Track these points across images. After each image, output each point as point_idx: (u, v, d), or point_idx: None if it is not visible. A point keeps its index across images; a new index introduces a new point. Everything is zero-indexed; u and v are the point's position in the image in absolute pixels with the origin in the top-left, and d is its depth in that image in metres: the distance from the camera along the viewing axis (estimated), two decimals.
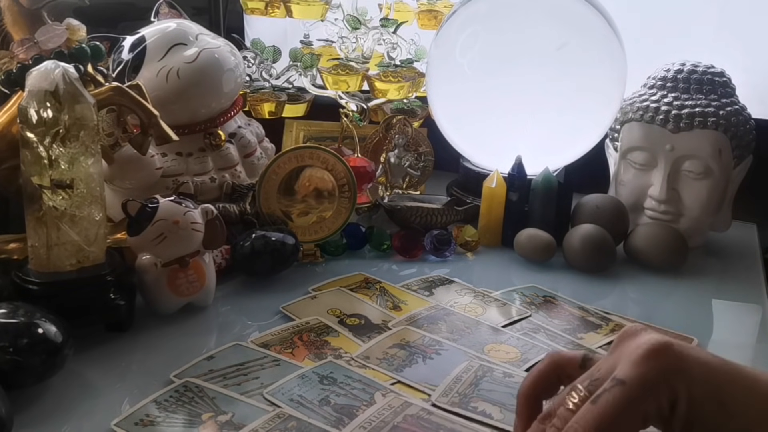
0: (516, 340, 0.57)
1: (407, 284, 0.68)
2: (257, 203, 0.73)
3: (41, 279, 0.54)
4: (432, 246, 0.75)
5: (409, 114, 0.94)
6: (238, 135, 0.78)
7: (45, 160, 0.53)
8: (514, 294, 0.66)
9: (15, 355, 0.45)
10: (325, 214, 0.74)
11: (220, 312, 0.63)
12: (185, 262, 0.59)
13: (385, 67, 0.91)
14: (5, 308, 0.48)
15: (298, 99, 0.95)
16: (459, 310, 0.62)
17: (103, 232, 0.57)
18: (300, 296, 0.65)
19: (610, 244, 0.72)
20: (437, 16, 0.94)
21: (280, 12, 0.94)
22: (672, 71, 0.78)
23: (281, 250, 0.67)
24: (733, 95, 0.77)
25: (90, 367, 0.53)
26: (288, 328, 0.58)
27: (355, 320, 0.60)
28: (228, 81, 0.75)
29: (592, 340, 0.58)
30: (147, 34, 0.74)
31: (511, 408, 0.47)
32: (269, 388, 0.49)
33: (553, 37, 0.77)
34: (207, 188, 0.74)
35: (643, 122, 0.77)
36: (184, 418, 0.46)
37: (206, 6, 1.16)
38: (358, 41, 0.90)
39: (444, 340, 0.56)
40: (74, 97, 0.53)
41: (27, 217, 0.55)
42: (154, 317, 0.60)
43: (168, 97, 0.71)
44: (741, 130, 0.75)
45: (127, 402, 0.48)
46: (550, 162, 0.79)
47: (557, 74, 0.78)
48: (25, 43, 0.66)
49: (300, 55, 0.92)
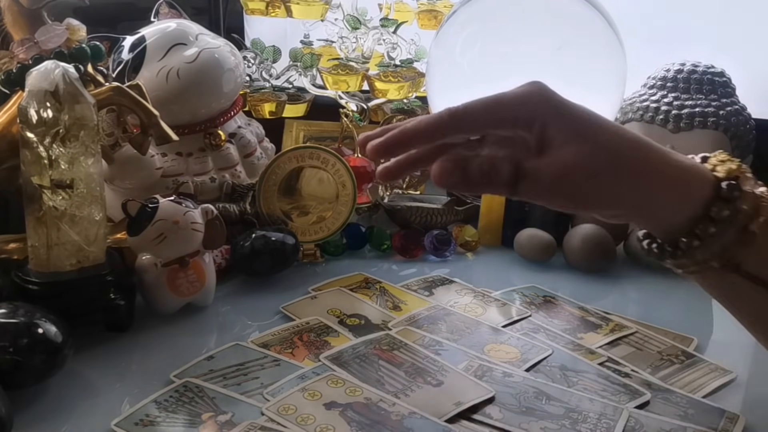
0: (516, 340, 0.57)
1: (407, 284, 0.68)
2: (257, 203, 0.73)
3: (41, 279, 0.54)
4: (432, 246, 0.75)
5: (409, 114, 0.93)
6: (238, 135, 0.78)
7: (45, 160, 0.53)
8: (514, 294, 0.66)
9: (15, 355, 0.45)
10: (325, 214, 0.74)
11: (220, 312, 0.63)
12: (185, 262, 0.59)
13: (385, 67, 0.91)
14: (5, 308, 0.48)
15: (298, 99, 0.95)
16: (459, 310, 0.62)
17: (103, 232, 0.57)
18: (300, 296, 0.65)
19: (610, 244, 0.72)
20: (437, 16, 0.94)
21: (281, 12, 0.94)
22: (672, 71, 0.78)
23: (281, 250, 0.67)
24: (733, 95, 0.77)
25: (90, 367, 0.53)
26: (288, 328, 0.58)
27: (355, 320, 0.60)
28: (228, 81, 0.75)
29: (592, 340, 0.58)
30: (147, 34, 0.74)
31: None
32: (269, 388, 0.49)
33: (553, 38, 0.77)
34: (207, 188, 0.74)
35: (643, 122, 0.77)
36: (184, 418, 0.46)
37: (206, 6, 1.16)
38: (358, 41, 0.90)
39: (444, 341, 0.56)
40: (74, 97, 0.53)
41: (27, 217, 0.55)
42: (154, 317, 0.60)
43: (168, 97, 0.71)
44: (741, 130, 0.75)
45: (127, 402, 0.48)
46: None
47: (557, 74, 0.77)
48: (25, 43, 0.66)
49: (300, 55, 0.92)
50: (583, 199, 0.42)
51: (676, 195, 0.41)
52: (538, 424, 0.46)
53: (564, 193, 0.41)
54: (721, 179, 0.41)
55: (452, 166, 0.41)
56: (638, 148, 0.41)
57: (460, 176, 0.41)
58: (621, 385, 0.51)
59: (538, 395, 0.49)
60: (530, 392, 0.49)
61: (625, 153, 0.41)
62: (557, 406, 0.48)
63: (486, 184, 0.41)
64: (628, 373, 0.53)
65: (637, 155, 0.41)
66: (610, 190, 0.41)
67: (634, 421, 0.46)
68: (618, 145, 0.41)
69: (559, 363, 0.54)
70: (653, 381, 0.52)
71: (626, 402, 0.49)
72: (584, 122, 0.41)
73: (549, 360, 0.54)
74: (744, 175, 0.41)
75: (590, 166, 0.40)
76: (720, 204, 0.40)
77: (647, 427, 0.46)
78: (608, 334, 0.59)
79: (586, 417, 0.47)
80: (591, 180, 0.40)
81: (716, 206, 0.40)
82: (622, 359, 0.55)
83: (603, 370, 0.53)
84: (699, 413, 0.48)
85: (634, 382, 0.51)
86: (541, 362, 0.54)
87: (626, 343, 0.58)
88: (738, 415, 0.48)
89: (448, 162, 0.42)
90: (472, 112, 0.43)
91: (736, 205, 0.40)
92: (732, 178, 0.41)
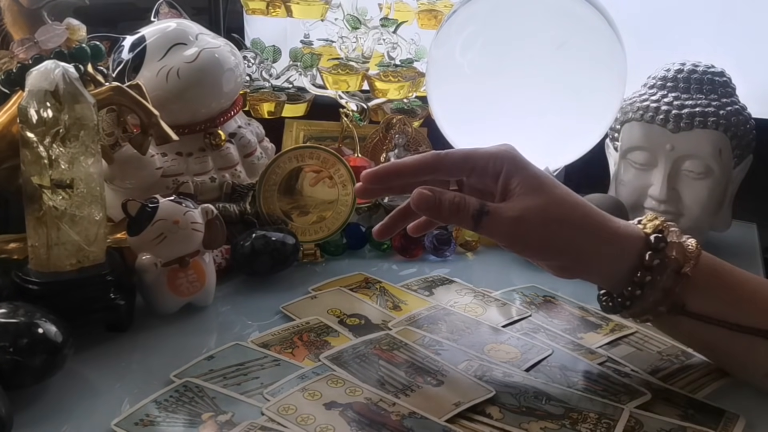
0: (516, 340, 0.57)
1: (407, 284, 0.68)
2: (257, 203, 0.73)
3: (41, 279, 0.54)
4: (432, 246, 0.75)
5: (409, 114, 0.94)
6: (238, 135, 0.78)
7: (45, 159, 0.53)
8: (514, 294, 0.66)
9: (15, 355, 0.45)
10: (325, 214, 0.74)
11: (220, 312, 0.63)
12: (185, 262, 0.59)
13: (385, 66, 0.91)
14: (5, 308, 0.48)
15: (298, 99, 0.95)
16: (459, 310, 0.62)
17: (103, 232, 0.57)
18: (300, 296, 0.65)
19: None
20: (437, 16, 0.94)
21: (281, 12, 0.94)
22: (672, 71, 0.78)
23: (281, 250, 0.67)
24: (733, 95, 0.77)
25: (90, 367, 0.53)
26: (288, 328, 0.58)
27: (355, 320, 0.60)
28: (228, 81, 0.75)
29: (592, 339, 0.58)
30: (147, 33, 0.74)
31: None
32: (269, 388, 0.49)
33: (553, 37, 0.77)
34: (207, 188, 0.74)
35: (643, 122, 0.77)
36: (184, 418, 0.46)
37: (206, 6, 1.16)
38: (358, 41, 0.90)
39: (444, 340, 0.56)
40: (74, 96, 0.53)
41: (27, 217, 0.55)
42: (154, 317, 0.60)
43: (168, 96, 0.71)
44: (741, 130, 0.75)
45: (127, 402, 0.48)
46: (550, 162, 0.79)
47: (557, 74, 0.77)
48: (25, 42, 0.66)
49: (300, 54, 0.92)
50: (536, 244, 0.49)
51: (614, 249, 0.49)
52: (538, 424, 0.46)
53: (519, 235, 0.49)
54: (649, 233, 0.49)
55: (430, 194, 0.48)
56: (583, 205, 0.50)
57: (434, 203, 0.48)
58: (621, 385, 0.51)
59: (538, 395, 0.49)
60: (530, 392, 0.49)
61: (573, 208, 0.49)
62: (557, 406, 0.48)
63: (455, 214, 0.48)
64: (628, 373, 0.53)
65: (582, 212, 0.49)
66: (558, 238, 0.48)
67: (634, 421, 0.46)
68: (567, 201, 0.49)
69: (559, 363, 0.54)
70: (653, 381, 0.52)
71: (626, 402, 0.49)
72: (541, 180, 0.49)
73: (549, 360, 0.54)
74: (668, 229, 0.50)
75: (543, 215, 0.48)
76: (651, 254, 0.48)
77: (647, 427, 0.46)
78: (608, 334, 0.59)
79: (586, 417, 0.47)
80: (543, 227, 0.48)
81: (648, 256, 0.48)
82: (622, 359, 0.55)
83: (603, 370, 0.53)
84: (699, 413, 0.48)
85: (634, 382, 0.51)
86: (541, 362, 0.54)
87: (626, 343, 0.58)
88: (738, 415, 0.48)
89: (427, 190, 0.49)
90: (452, 158, 0.52)
91: (665, 253, 0.48)
92: (658, 232, 0.49)
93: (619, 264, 0.49)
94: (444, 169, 0.52)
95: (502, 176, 0.50)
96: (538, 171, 0.50)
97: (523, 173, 0.49)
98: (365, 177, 0.53)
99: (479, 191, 0.52)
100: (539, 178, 0.50)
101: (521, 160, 0.51)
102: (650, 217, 0.51)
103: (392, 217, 0.56)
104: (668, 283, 0.48)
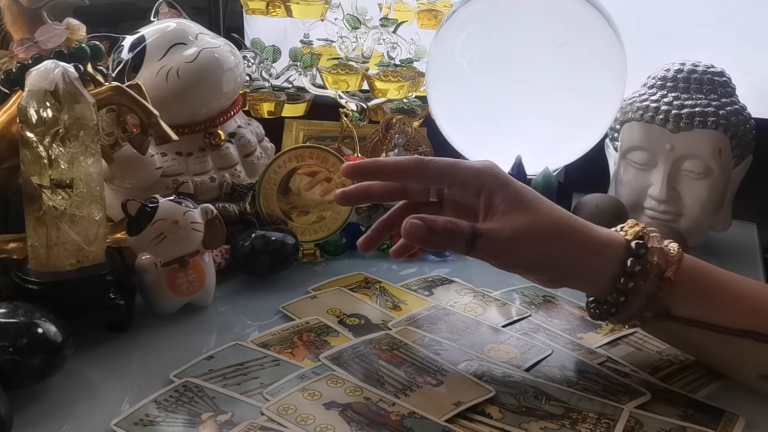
0: (516, 340, 0.57)
1: (407, 284, 0.68)
2: (257, 203, 0.73)
3: (41, 279, 0.54)
4: None
5: (409, 114, 0.93)
6: (238, 135, 0.78)
7: (45, 159, 0.53)
8: (513, 294, 0.66)
9: (15, 355, 0.45)
10: (325, 214, 0.74)
11: (220, 312, 0.63)
12: (185, 261, 0.59)
13: (385, 66, 0.91)
14: (5, 308, 0.48)
15: (298, 99, 0.95)
16: (459, 310, 0.62)
17: (103, 232, 0.57)
18: (300, 296, 0.65)
19: None
20: (437, 16, 0.94)
21: (281, 12, 0.94)
22: (672, 71, 0.78)
23: (281, 250, 0.67)
24: (733, 95, 0.77)
25: (90, 367, 0.53)
26: (288, 328, 0.58)
27: (355, 320, 0.60)
28: (228, 80, 0.75)
29: (592, 339, 0.58)
30: (147, 33, 0.74)
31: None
32: (269, 388, 0.49)
33: (553, 37, 0.77)
34: (207, 188, 0.74)
35: (643, 122, 0.77)
36: (183, 417, 0.46)
37: (206, 6, 1.16)
38: (358, 41, 0.90)
39: (444, 340, 0.56)
40: (74, 96, 0.53)
41: (27, 216, 0.55)
42: (154, 317, 0.60)
43: (168, 96, 0.71)
44: (741, 130, 0.75)
45: (127, 402, 0.48)
46: (550, 162, 0.79)
47: (557, 74, 0.77)
48: (25, 42, 0.66)
49: (300, 54, 0.92)
50: (527, 261, 0.50)
51: (599, 258, 0.49)
52: (538, 424, 0.46)
53: (512, 255, 0.49)
54: (630, 240, 0.50)
55: (421, 223, 0.47)
56: (567, 217, 0.50)
57: (427, 232, 0.47)
58: (621, 385, 0.51)
59: (538, 395, 0.49)
60: (530, 392, 0.49)
61: (559, 222, 0.49)
62: (557, 406, 0.48)
63: (449, 240, 0.48)
64: (627, 373, 0.53)
65: (568, 226, 0.50)
66: (548, 254, 0.49)
67: (633, 421, 0.46)
68: (552, 216, 0.49)
69: (558, 363, 0.54)
70: (653, 381, 0.52)
71: (626, 402, 0.49)
72: (525, 197, 0.49)
73: (549, 360, 0.54)
74: (648, 235, 0.50)
75: (533, 233, 0.48)
76: (633, 260, 0.48)
77: (647, 427, 0.46)
78: (608, 334, 0.59)
79: (585, 417, 0.47)
80: (533, 246, 0.48)
81: (630, 263, 0.48)
82: (621, 359, 0.55)
83: (603, 370, 0.53)
84: (699, 413, 0.48)
85: (634, 382, 0.51)
86: (540, 362, 0.54)
87: (626, 342, 0.58)
88: (738, 415, 0.48)
89: (418, 219, 0.47)
90: (435, 166, 0.51)
91: (646, 258, 0.48)
92: (639, 238, 0.50)
93: (603, 272, 0.49)
94: (427, 176, 0.52)
95: (485, 192, 0.50)
96: (521, 187, 0.50)
97: (506, 190, 0.49)
98: (345, 169, 0.53)
99: (460, 205, 0.53)
100: (522, 195, 0.49)
101: (504, 176, 0.50)
102: (631, 224, 0.51)
103: (375, 230, 0.57)
104: (651, 289, 0.48)
